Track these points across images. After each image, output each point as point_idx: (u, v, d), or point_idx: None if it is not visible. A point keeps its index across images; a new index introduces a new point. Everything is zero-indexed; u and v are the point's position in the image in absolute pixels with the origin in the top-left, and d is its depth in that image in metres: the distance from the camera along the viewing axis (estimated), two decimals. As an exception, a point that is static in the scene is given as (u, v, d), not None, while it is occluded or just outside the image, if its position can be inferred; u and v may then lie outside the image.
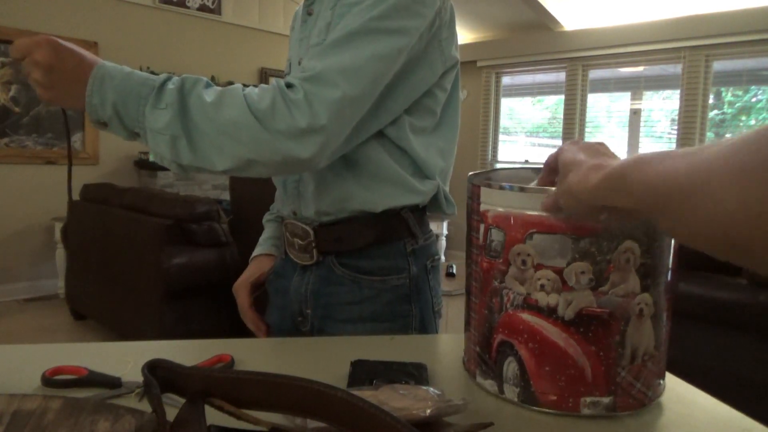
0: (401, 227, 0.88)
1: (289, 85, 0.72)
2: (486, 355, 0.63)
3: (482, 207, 0.61)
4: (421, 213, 0.91)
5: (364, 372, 0.64)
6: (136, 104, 0.71)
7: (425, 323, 0.89)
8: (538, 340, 0.58)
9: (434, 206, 0.93)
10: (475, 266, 0.63)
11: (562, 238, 0.55)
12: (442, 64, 0.86)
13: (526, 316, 0.58)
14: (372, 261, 0.87)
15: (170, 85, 0.72)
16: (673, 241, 0.59)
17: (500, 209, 0.59)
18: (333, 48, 0.74)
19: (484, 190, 0.61)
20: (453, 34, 0.87)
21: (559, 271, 0.56)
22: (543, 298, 0.57)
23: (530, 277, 0.57)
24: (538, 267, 0.57)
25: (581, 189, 0.47)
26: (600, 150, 0.51)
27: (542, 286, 0.57)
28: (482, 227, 0.61)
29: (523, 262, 0.57)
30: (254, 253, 1.05)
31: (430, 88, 0.86)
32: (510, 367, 0.60)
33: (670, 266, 0.60)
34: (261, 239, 1.07)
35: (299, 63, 0.90)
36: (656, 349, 0.60)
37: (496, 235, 0.59)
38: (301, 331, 0.93)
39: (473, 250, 0.63)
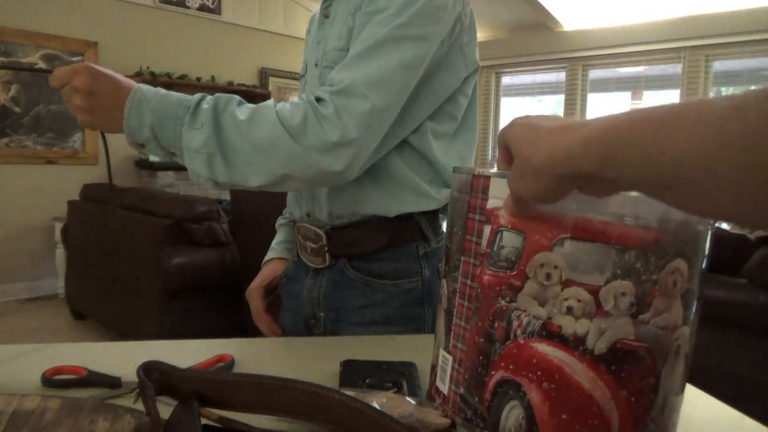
0: (414, 230, 0.88)
1: (319, 99, 0.73)
2: (475, 398, 0.49)
3: (491, 203, 0.48)
4: (433, 215, 0.91)
5: (354, 371, 0.64)
6: (172, 125, 0.73)
7: None
8: (557, 380, 0.44)
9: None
10: (467, 280, 0.50)
11: (603, 248, 0.43)
12: (465, 69, 0.87)
13: (543, 348, 0.45)
14: (384, 264, 0.87)
15: (204, 105, 0.73)
16: (705, 263, 0.46)
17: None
18: (360, 59, 0.75)
19: (495, 182, 0.48)
20: (474, 39, 0.88)
21: (594, 291, 0.43)
22: (570, 325, 0.44)
23: (554, 296, 0.44)
24: (566, 284, 0.44)
25: (548, 159, 0.38)
26: (556, 117, 0.43)
27: (569, 309, 0.44)
28: (487, 230, 0.48)
29: (548, 276, 0.45)
30: (266, 257, 1.06)
31: (453, 93, 0.87)
32: (512, 415, 0.46)
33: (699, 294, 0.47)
34: (273, 243, 1.08)
35: (316, 65, 0.90)
36: (676, 396, 0.47)
37: (511, 240, 0.46)
38: (314, 333, 0.93)
39: (467, 259, 0.50)
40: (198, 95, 0.75)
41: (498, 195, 0.47)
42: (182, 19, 4.90)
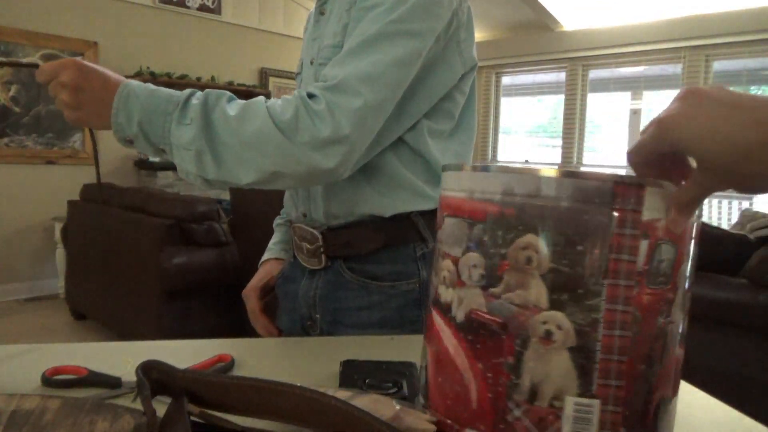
0: (411, 231, 0.87)
1: (311, 96, 0.72)
2: (641, 430, 0.44)
3: (647, 215, 0.42)
4: (431, 216, 0.89)
5: (354, 372, 0.64)
6: (161, 121, 0.71)
7: None
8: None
9: None
10: (618, 306, 0.43)
11: None
12: (462, 66, 0.86)
13: (679, 352, 0.47)
14: (381, 266, 0.86)
15: (194, 101, 0.72)
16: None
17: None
18: (353, 54, 0.74)
19: (653, 192, 0.42)
20: (471, 35, 0.87)
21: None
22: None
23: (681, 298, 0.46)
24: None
25: None
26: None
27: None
28: (645, 245, 0.42)
29: (686, 281, 0.45)
30: (263, 258, 1.05)
31: (450, 90, 0.86)
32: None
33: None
34: (270, 243, 1.07)
35: (311, 63, 0.89)
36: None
37: (668, 253, 0.43)
38: (310, 335, 0.93)
39: (615, 282, 0.43)
40: (188, 91, 0.73)
41: (652, 206, 0.43)
42: (182, 19, 4.90)
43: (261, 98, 0.74)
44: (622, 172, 4.49)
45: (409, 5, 0.75)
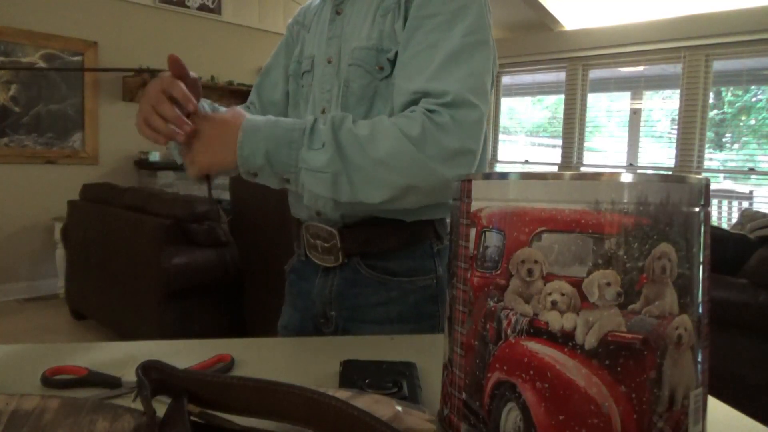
0: (428, 229, 0.89)
1: (431, 111, 0.74)
2: (476, 402, 0.47)
3: (474, 206, 0.48)
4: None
5: (354, 372, 0.64)
6: (287, 149, 0.74)
7: None
8: (549, 378, 0.43)
9: None
10: (461, 285, 0.49)
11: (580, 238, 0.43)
12: (495, 69, 0.90)
13: (533, 346, 0.44)
14: (399, 262, 0.88)
15: (321, 125, 0.74)
16: (703, 247, 0.46)
17: (498, 204, 0.46)
18: (447, 68, 0.76)
19: (477, 184, 0.48)
20: (494, 41, 0.91)
21: (577, 283, 0.42)
22: (556, 320, 0.43)
23: (538, 292, 0.43)
24: (548, 278, 0.43)
25: None
26: None
27: (554, 303, 0.43)
28: (473, 232, 0.48)
29: (529, 272, 0.44)
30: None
31: None
32: (510, 418, 0.45)
33: (703, 279, 0.47)
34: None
35: (329, 61, 0.89)
36: (693, 390, 0.47)
37: (493, 240, 0.46)
38: (323, 333, 0.93)
39: (459, 265, 0.50)
40: (310, 117, 0.76)
41: (479, 197, 0.48)
42: (182, 19, 4.90)
43: (384, 116, 0.76)
44: (623, 171, 4.49)
45: (472, 16, 0.79)
